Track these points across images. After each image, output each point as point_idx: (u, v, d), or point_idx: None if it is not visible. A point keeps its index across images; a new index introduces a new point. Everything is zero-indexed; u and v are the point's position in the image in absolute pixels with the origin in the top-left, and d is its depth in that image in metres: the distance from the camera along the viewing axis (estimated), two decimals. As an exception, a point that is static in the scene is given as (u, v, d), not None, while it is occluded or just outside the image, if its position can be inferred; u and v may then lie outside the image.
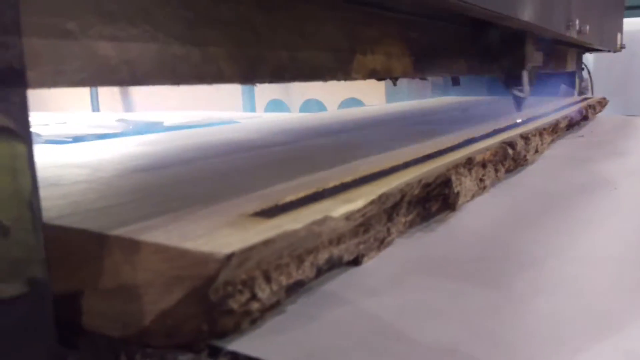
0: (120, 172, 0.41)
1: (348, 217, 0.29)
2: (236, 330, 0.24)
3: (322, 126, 0.77)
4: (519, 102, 0.80)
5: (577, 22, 0.78)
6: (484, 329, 0.24)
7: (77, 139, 0.93)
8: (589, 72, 1.53)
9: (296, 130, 0.71)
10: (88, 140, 0.92)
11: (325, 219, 0.27)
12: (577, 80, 1.39)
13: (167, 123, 1.15)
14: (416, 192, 0.36)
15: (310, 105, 1.98)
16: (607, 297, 0.28)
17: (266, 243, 0.23)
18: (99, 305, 0.25)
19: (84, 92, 2.20)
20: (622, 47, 1.48)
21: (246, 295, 0.23)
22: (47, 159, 0.48)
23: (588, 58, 1.58)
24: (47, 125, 1.16)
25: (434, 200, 0.39)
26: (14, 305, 0.21)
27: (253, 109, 2.04)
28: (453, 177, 0.39)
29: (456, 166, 0.41)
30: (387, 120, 0.82)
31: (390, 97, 1.56)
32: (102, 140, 0.66)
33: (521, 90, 0.77)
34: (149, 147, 0.56)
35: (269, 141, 0.59)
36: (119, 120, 1.17)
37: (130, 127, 1.11)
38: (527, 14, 0.56)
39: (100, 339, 0.25)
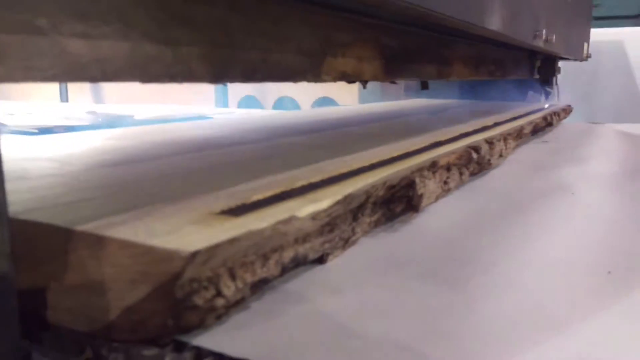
0: (89, 166, 0.41)
1: (314, 216, 0.30)
2: (201, 325, 0.24)
3: (293, 125, 0.77)
4: (547, 95, 1.40)
5: (544, 32, 0.81)
6: (437, 328, 0.25)
7: (44, 130, 0.91)
8: (555, 80, 1.57)
9: (268, 128, 0.72)
10: (56, 132, 0.91)
11: (291, 219, 0.28)
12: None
13: (137, 117, 1.14)
14: (381, 193, 0.37)
15: (284, 102, 1.98)
16: (558, 301, 0.29)
17: (232, 241, 0.24)
18: (64, 300, 0.25)
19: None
20: (589, 56, 1.52)
21: (211, 291, 0.24)
22: (15, 151, 0.47)
23: (555, 66, 1.62)
24: (12, 115, 1.14)
25: (398, 201, 0.41)
26: (-21, 298, 0.21)
27: (226, 105, 2.03)
28: (417, 180, 0.41)
29: (420, 169, 0.43)
30: (359, 121, 0.84)
31: (363, 98, 1.58)
32: (71, 133, 0.65)
33: (550, 88, 1.38)
34: (118, 141, 0.56)
35: (241, 138, 0.60)
36: (88, 113, 1.16)
37: (100, 119, 1.10)
38: (494, 24, 0.58)
39: (66, 333, 0.25)
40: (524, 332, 0.25)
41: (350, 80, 0.51)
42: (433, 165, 0.45)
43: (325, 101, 1.86)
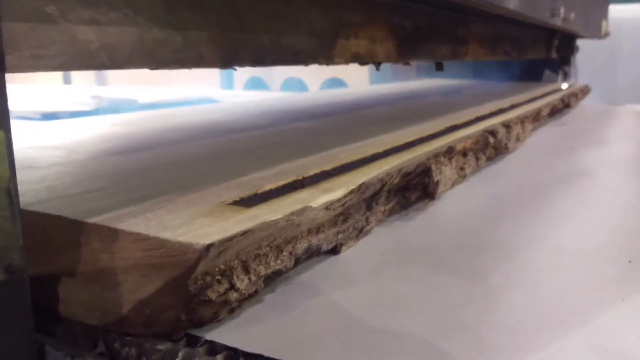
0: (96, 154, 0.41)
1: (328, 207, 0.29)
2: (214, 319, 0.24)
3: (303, 109, 0.76)
4: (566, 75, 1.35)
5: (562, 10, 0.78)
6: (457, 322, 0.25)
7: (47, 115, 0.91)
8: (573, 59, 1.54)
9: (277, 113, 0.71)
10: (60, 117, 0.91)
11: (304, 209, 0.27)
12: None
13: (141, 100, 1.13)
14: (396, 181, 0.37)
15: (291, 83, 1.95)
16: (578, 291, 0.28)
17: (245, 233, 0.24)
18: (76, 293, 0.25)
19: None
20: (607, 34, 1.49)
21: (225, 285, 0.23)
22: (22, 139, 0.47)
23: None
24: (16, 99, 1.14)
25: (413, 189, 0.40)
26: (-9, 292, 0.21)
27: (231, 86, 2.00)
28: (433, 167, 0.40)
29: (436, 155, 0.42)
30: (370, 104, 0.82)
31: (374, 78, 1.55)
32: (77, 119, 0.65)
33: (568, 67, 1.36)
34: (123, 128, 0.55)
35: (248, 124, 0.59)
36: (92, 97, 1.15)
37: (104, 103, 1.09)
38: (512, 2, 0.56)
39: (78, 327, 0.25)
40: (543, 325, 0.25)
41: (362, 62, 0.50)
42: (449, 151, 0.44)
43: (334, 82, 1.83)
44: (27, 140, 0.47)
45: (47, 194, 0.29)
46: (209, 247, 0.22)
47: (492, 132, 0.53)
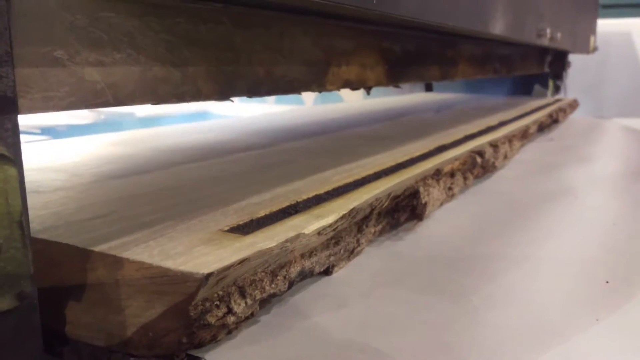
0: (97, 177, 0.42)
1: (320, 232, 0.31)
2: (213, 340, 0.26)
3: (297, 126, 0.78)
4: (559, 89, 1.05)
5: (548, 30, 0.81)
6: (441, 342, 0.27)
7: (47, 130, 0.92)
8: (565, 74, 1.57)
9: (271, 131, 0.72)
10: (59, 130, 0.92)
11: (298, 236, 0.29)
12: (550, 81, 1.43)
13: (139, 114, 1.15)
14: (385, 204, 0.38)
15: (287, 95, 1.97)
16: (557, 312, 0.30)
17: (242, 262, 0.25)
18: (83, 316, 0.26)
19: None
20: (596, 49, 1.52)
21: (223, 309, 0.25)
22: (25, 160, 0.48)
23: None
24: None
25: (402, 210, 0.42)
26: (5, 318, 0.22)
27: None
28: (421, 189, 0.42)
29: (424, 177, 0.44)
30: (363, 121, 0.84)
31: (368, 92, 1.57)
32: (76, 138, 0.66)
33: (560, 81, 1.10)
34: (123, 148, 0.57)
35: (243, 144, 0.60)
36: (90, 110, 1.17)
37: (102, 117, 1.11)
38: (498, 28, 0.59)
39: (85, 348, 0.26)
40: (521, 346, 0.26)
41: (354, 87, 0.52)
42: (437, 173, 0.46)
43: (329, 95, 1.85)
44: (30, 161, 0.49)
45: (53, 220, 0.31)
46: (208, 276, 0.24)
47: (480, 152, 0.55)
